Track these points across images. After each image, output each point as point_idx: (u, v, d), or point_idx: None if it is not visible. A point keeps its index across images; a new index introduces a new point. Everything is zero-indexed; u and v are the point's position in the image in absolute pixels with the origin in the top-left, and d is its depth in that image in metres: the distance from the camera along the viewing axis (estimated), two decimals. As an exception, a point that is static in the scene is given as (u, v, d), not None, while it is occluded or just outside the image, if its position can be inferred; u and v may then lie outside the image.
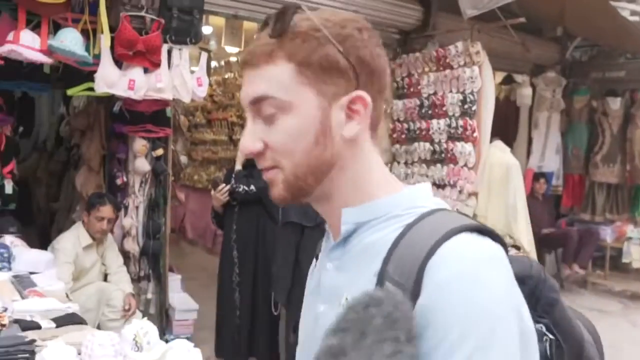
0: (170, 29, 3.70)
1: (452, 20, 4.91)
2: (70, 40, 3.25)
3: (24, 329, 2.48)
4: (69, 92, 3.71)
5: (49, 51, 3.21)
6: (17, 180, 3.76)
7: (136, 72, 3.57)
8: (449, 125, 4.63)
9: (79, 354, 2.33)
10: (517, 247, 4.17)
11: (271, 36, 0.76)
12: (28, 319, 2.55)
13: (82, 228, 3.76)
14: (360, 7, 4.64)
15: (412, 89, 5.00)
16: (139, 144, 3.96)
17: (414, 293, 0.67)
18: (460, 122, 4.52)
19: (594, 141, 6.62)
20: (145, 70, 3.62)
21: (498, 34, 5.08)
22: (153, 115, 3.95)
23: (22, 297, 2.74)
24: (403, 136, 5.07)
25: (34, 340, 2.38)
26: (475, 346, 0.64)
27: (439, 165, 4.75)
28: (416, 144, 4.94)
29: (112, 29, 3.46)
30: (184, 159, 4.91)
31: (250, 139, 0.78)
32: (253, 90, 0.77)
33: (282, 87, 0.75)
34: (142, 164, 3.98)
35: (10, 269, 2.94)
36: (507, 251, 0.74)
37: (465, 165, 4.51)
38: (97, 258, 3.81)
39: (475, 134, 4.44)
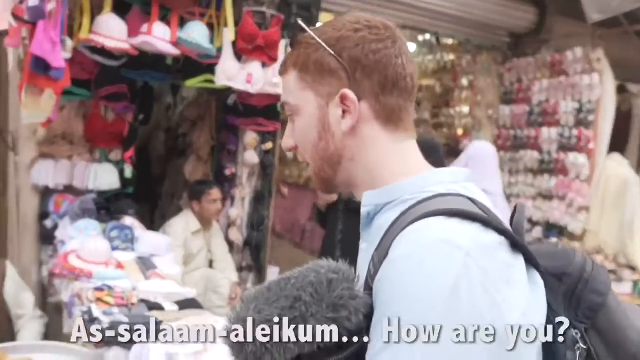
0: (288, 25, 3.75)
1: (570, 24, 4.70)
2: (197, 33, 3.35)
3: (150, 309, 2.58)
4: (188, 83, 3.83)
5: (176, 43, 3.32)
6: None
7: (254, 67, 3.63)
8: (561, 135, 4.44)
9: (201, 337, 2.41)
10: (632, 268, 3.93)
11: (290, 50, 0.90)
12: (152, 300, 2.65)
13: (191, 214, 3.88)
14: (470, 8, 4.53)
15: (521, 95, 4.84)
16: (250, 137, 4.04)
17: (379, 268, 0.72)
18: (575, 132, 4.32)
19: None
20: (263, 65, 3.68)
21: (617, 40, 4.82)
22: (264, 110, 4.01)
23: (146, 279, 2.86)
24: (508, 143, 4.91)
25: (161, 322, 2.48)
26: (393, 332, 0.66)
27: (546, 175, 4.57)
28: (522, 152, 4.78)
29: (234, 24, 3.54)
30: (290, 154, 4.95)
31: (286, 138, 0.92)
32: (282, 97, 0.91)
33: (291, 92, 0.88)
34: (252, 157, 4.05)
35: (134, 250, 3.06)
36: (517, 243, 0.72)
37: (577, 177, 4.31)
38: (204, 245, 3.92)
39: (590, 145, 4.23)
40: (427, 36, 5.28)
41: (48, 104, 2.77)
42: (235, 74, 3.59)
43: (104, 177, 3.61)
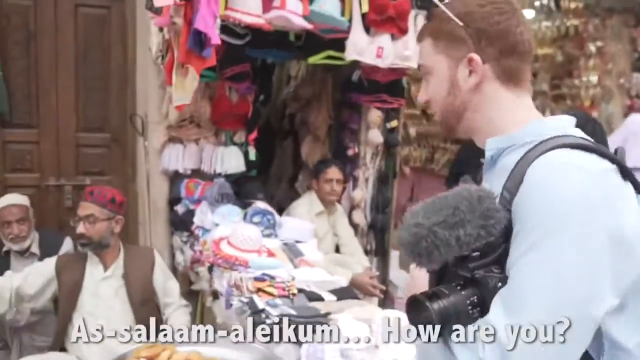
0: (416, -6, 3.50)
1: None
2: (329, 5, 3.16)
3: (309, 300, 2.45)
4: (310, 60, 3.65)
5: (308, 17, 3.14)
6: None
7: (384, 39, 3.41)
8: None
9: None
10: None
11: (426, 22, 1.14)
12: (305, 289, 2.52)
13: (314, 195, 3.74)
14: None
15: (660, 61, 4.42)
16: (374, 115, 3.86)
17: (515, 195, 0.89)
18: None
19: None
20: (392, 38, 3.46)
21: None
22: (388, 85, 3.81)
23: (295, 267, 2.73)
24: (644, 114, 4.51)
25: (328, 313, 2.34)
26: (539, 236, 0.84)
27: None
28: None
29: (363, -6, 3.33)
30: (412, 131, 4.75)
31: (421, 95, 1.13)
32: (418, 60, 1.13)
33: (427, 56, 1.09)
34: (376, 136, 3.87)
35: (276, 236, 2.95)
36: (627, 172, 0.88)
37: None
38: (329, 228, 3.77)
39: None
40: (545, 1, 4.90)
41: (192, 86, 2.66)
42: (364, 48, 3.38)
43: (231, 160, 3.52)
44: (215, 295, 2.81)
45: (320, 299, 2.48)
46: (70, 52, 3.63)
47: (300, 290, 2.45)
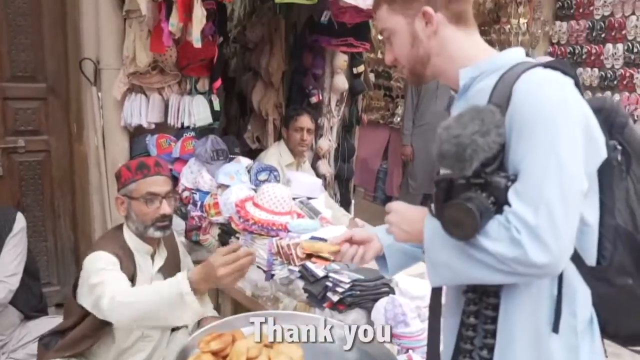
0: None
1: None
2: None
3: (354, 261, 2.27)
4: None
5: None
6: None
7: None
8: (629, 50, 4.40)
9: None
10: None
11: None
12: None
13: (283, 145, 3.49)
14: None
15: (581, 10, 4.70)
16: (341, 59, 3.65)
17: (506, 107, 1.05)
18: (646, 47, 4.29)
19: None
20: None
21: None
22: (354, 28, 3.60)
23: (321, 226, 2.51)
24: (565, 60, 4.82)
25: (390, 280, 2.19)
26: (540, 134, 1.01)
27: (608, 93, 4.55)
28: (581, 69, 4.70)
29: None
30: (372, 76, 4.57)
31: (388, 56, 1.30)
32: (379, 28, 1.29)
33: (386, 20, 1.24)
34: (342, 81, 3.67)
35: (287, 194, 2.67)
36: (577, 83, 1.10)
37: (646, 93, 4.33)
38: (299, 181, 3.56)
39: (663, 60, 4.23)
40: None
41: (202, 23, 2.25)
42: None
43: (199, 111, 3.09)
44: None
45: (363, 260, 2.31)
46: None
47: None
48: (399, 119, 5.45)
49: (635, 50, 4.36)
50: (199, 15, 2.12)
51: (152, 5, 2.47)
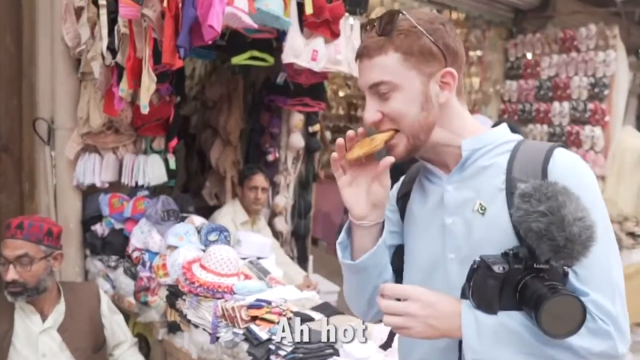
0: (347, -2, 3.46)
1: (571, 2, 4.86)
2: (275, 4, 2.97)
3: (302, 321, 2.28)
4: (234, 60, 3.41)
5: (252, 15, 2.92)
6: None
7: (319, 42, 3.31)
8: (574, 109, 4.62)
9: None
10: (654, 232, 4.23)
11: (381, 34, 1.06)
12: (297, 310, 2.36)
13: (238, 203, 3.53)
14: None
15: (529, 70, 4.94)
16: (297, 119, 3.74)
17: None
18: (590, 106, 4.51)
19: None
20: (325, 41, 3.38)
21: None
22: (310, 89, 3.71)
23: (268, 287, 2.53)
24: (515, 117, 5.02)
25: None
26: (593, 214, 0.93)
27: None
28: (531, 125, 4.91)
29: (297, -5, 3.20)
30: (328, 134, 4.66)
31: (371, 113, 1.09)
32: (370, 77, 1.08)
33: (393, 72, 1.05)
34: (298, 140, 3.76)
35: (237, 254, 2.69)
36: None
37: (592, 148, 4.52)
38: (254, 239, 3.58)
39: (606, 118, 4.44)
40: (428, 10, 5.19)
41: (151, 89, 2.32)
42: (301, 51, 3.25)
43: (153, 170, 3.13)
44: (172, 327, 2.49)
45: (311, 319, 2.33)
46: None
47: (293, 313, 2.28)
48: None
49: (579, 108, 4.58)
50: (147, 83, 2.18)
51: (104, 69, 2.52)
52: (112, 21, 2.34)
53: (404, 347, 1.24)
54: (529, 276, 0.95)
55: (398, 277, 1.24)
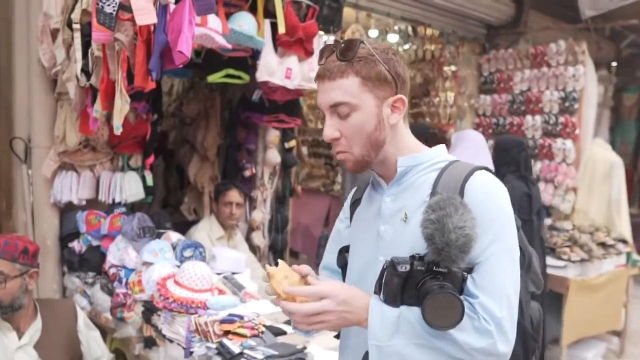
0: (320, 17, 3.55)
1: (543, 19, 5.00)
2: (248, 24, 3.06)
3: (275, 335, 2.34)
4: (210, 78, 3.47)
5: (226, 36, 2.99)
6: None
7: (292, 61, 3.40)
8: (546, 122, 4.73)
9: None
10: (624, 241, 4.33)
11: (343, 60, 1.18)
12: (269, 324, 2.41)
13: (214, 218, 3.58)
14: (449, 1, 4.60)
15: (502, 85, 5.06)
16: (273, 135, 3.80)
17: None
18: (561, 119, 4.63)
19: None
20: (298, 59, 3.46)
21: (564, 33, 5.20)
22: (285, 105, 3.78)
23: (242, 301, 2.58)
24: (490, 130, 5.13)
25: (305, 347, 2.26)
26: (496, 232, 1.11)
27: (531, 160, 4.85)
28: (505, 138, 5.00)
29: (270, 15, 3.29)
30: (304, 149, 4.72)
31: (331, 130, 1.21)
32: (331, 97, 1.19)
33: (353, 94, 1.18)
34: (274, 156, 3.82)
35: (212, 269, 2.74)
36: None
37: (564, 161, 4.63)
38: (231, 253, 3.62)
39: (577, 131, 4.56)
40: (403, 26, 5.30)
41: (125, 110, 2.37)
42: (275, 69, 3.33)
43: (130, 187, 3.18)
44: (148, 343, 2.53)
45: (283, 332, 2.38)
46: None
47: (265, 327, 2.34)
48: (339, 186, 5.63)
49: (551, 121, 4.70)
50: (119, 104, 2.23)
51: (79, 90, 2.58)
52: (87, 44, 2.39)
53: (342, 333, 1.40)
54: (429, 277, 1.09)
55: (344, 273, 1.40)
